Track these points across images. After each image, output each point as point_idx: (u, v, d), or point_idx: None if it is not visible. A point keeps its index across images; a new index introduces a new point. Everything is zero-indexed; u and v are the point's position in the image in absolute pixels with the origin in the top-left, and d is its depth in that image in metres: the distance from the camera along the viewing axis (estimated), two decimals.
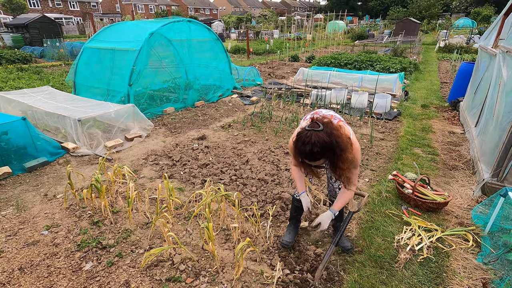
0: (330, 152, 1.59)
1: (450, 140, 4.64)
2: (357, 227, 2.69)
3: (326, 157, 1.63)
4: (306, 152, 1.58)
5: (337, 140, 1.58)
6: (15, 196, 3.12)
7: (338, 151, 1.60)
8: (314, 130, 1.58)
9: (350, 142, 1.73)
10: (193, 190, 3.25)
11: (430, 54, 15.55)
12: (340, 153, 1.61)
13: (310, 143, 1.55)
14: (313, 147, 1.54)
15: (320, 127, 1.59)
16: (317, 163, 1.67)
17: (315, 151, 1.55)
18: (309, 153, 1.57)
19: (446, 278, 2.15)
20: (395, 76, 7.35)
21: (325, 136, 1.56)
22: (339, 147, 1.59)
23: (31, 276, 2.15)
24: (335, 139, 1.58)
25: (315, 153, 1.56)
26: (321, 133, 1.56)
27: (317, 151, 1.55)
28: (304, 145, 1.57)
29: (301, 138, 1.60)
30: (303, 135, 1.59)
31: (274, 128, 5.17)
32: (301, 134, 1.62)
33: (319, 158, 1.61)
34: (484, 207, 2.78)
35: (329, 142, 1.55)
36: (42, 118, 4.59)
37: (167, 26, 5.93)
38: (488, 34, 5.56)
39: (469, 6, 46.16)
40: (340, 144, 1.59)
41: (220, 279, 2.13)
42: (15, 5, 32.20)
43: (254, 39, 23.21)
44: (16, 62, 11.69)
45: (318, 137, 1.55)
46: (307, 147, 1.56)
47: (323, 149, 1.55)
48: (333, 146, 1.57)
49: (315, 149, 1.55)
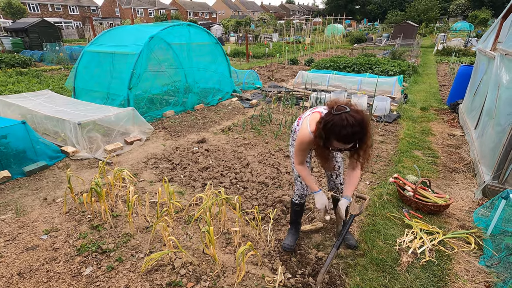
0: (366, 129, 1.59)
1: (450, 143, 4.64)
2: (359, 230, 2.68)
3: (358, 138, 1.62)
4: (348, 135, 1.54)
5: (365, 116, 1.59)
6: (14, 200, 3.10)
7: (368, 127, 1.61)
8: (345, 112, 1.55)
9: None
10: (194, 194, 3.24)
11: (428, 57, 15.63)
12: (369, 130, 1.62)
13: (349, 125, 1.52)
14: (354, 128, 1.53)
15: (347, 109, 1.57)
16: (347, 146, 1.65)
17: (356, 131, 1.54)
18: (351, 134, 1.54)
19: (448, 282, 2.13)
20: (394, 79, 7.37)
21: (357, 114, 1.55)
22: (368, 123, 1.61)
23: (30, 281, 2.13)
24: (363, 115, 1.58)
25: (357, 133, 1.55)
26: (351, 113, 1.55)
27: (358, 130, 1.54)
28: (344, 128, 1.53)
29: (336, 123, 1.55)
30: (337, 119, 1.55)
31: (274, 131, 5.17)
32: (332, 119, 1.57)
33: (357, 138, 1.60)
34: (486, 210, 2.77)
35: (364, 119, 1.56)
36: (42, 122, 4.57)
37: (166, 30, 5.95)
38: (486, 37, 5.60)
39: (467, 10, 46.48)
40: (368, 120, 1.61)
41: (221, 284, 2.11)
42: (15, 9, 32.33)
43: (253, 43, 23.29)
44: (15, 66, 11.69)
45: (352, 117, 1.53)
46: (348, 129, 1.53)
47: (361, 128, 1.55)
48: (366, 122, 1.58)
49: (356, 129, 1.53)
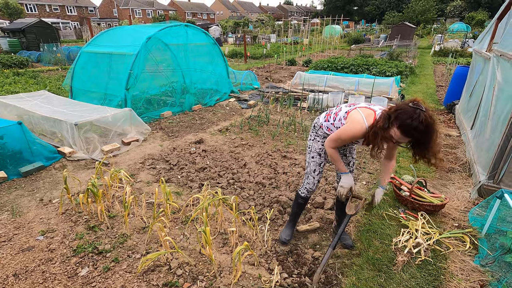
0: (428, 135, 1.66)
1: (446, 143, 4.67)
2: (355, 230, 2.69)
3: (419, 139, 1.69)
4: (412, 126, 1.62)
5: (435, 124, 1.67)
6: (10, 201, 3.09)
7: (434, 134, 1.67)
8: (420, 109, 1.63)
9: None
10: (191, 194, 3.24)
11: (425, 58, 15.71)
12: (435, 137, 1.69)
13: (418, 119, 1.61)
14: (420, 125, 1.61)
15: (423, 108, 1.65)
16: (405, 140, 1.73)
17: (420, 129, 1.61)
18: (413, 128, 1.62)
19: (444, 281, 2.15)
20: (391, 80, 7.40)
21: (429, 117, 1.63)
22: (436, 131, 1.67)
23: (26, 282, 2.12)
24: (435, 123, 1.66)
25: (419, 131, 1.62)
26: (426, 113, 1.63)
27: (421, 129, 1.62)
28: (411, 120, 1.62)
29: (409, 112, 1.64)
30: (410, 110, 1.64)
31: (271, 131, 5.18)
32: (406, 108, 1.67)
33: (416, 137, 1.67)
34: (481, 209, 2.79)
35: (432, 125, 1.63)
36: (39, 122, 4.56)
37: (164, 31, 5.95)
38: (482, 38, 5.64)
39: (464, 11, 46.76)
40: (437, 130, 1.68)
41: (217, 284, 2.11)
42: (12, 9, 32.20)
43: (251, 44, 23.33)
44: (12, 67, 11.64)
45: (424, 116, 1.61)
46: (414, 122, 1.61)
47: (426, 129, 1.62)
48: (433, 130, 1.65)
49: (420, 127, 1.61)
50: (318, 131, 2.26)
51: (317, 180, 2.34)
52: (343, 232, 2.57)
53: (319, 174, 2.32)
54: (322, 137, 2.25)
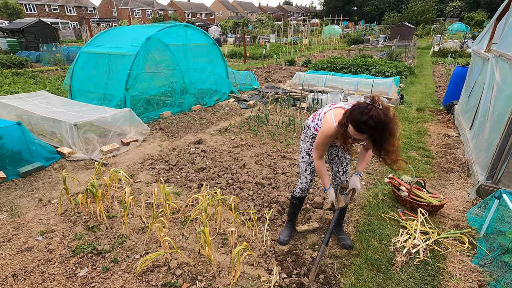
0: (380, 131, 1.65)
1: (445, 143, 4.68)
2: (354, 230, 2.69)
3: (372, 136, 1.69)
4: (361, 121, 1.63)
5: (390, 123, 1.65)
6: (9, 202, 3.08)
7: (387, 133, 1.67)
8: (375, 106, 1.64)
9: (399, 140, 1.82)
10: (190, 195, 3.24)
11: (424, 58, 15.73)
12: (388, 136, 1.68)
13: (368, 114, 1.61)
14: (369, 120, 1.61)
15: (380, 106, 1.66)
16: (361, 137, 1.72)
17: (369, 123, 1.62)
18: (363, 122, 1.63)
19: (442, 281, 2.15)
20: (391, 80, 7.41)
21: (382, 114, 1.62)
22: (390, 130, 1.66)
23: (25, 283, 2.12)
24: (389, 121, 1.65)
25: (369, 126, 1.62)
26: (380, 110, 1.63)
27: (371, 124, 1.61)
28: (361, 115, 1.63)
29: (360, 108, 1.66)
30: (363, 106, 1.65)
31: (271, 132, 5.18)
32: (360, 105, 1.68)
33: (368, 133, 1.67)
34: (479, 210, 2.80)
35: (383, 121, 1.62)
36: (38, 122, 4.56)
37: (163, 31, 5.95)
38: (481, 38, 5.65)
39: (463, 11, 46.84)
40: (392, 128, 1.67)
41: (217, 284, 2.12)
42: (11, 9, 32.15)
43: (250, 44, 23.33)
44: (11, 67, 11.63)
45: (377, 112, 1.62)
46: (363, 117, 1.62)
47: (376, 125, 1.62)
48: (385, 127, 1.64)
49: (370, 122, 1.61)
50: (307, 132, 2.31)
51: (309, 180, 2.38)
52: (341, 229, 2.58)
53: (310, 173, 2.36)
54: (310, 138, 2.29)
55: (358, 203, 3.10)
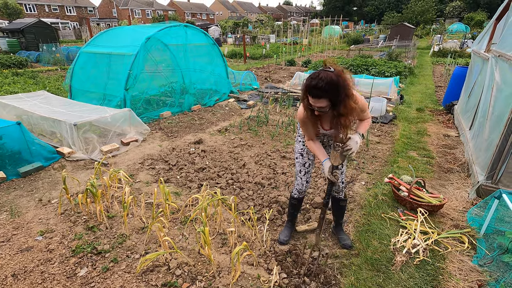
0: (334, 91, 1.64)
1: (445, 143, 4.68)
2: (354, 230, 2.69)
3: (329, 98, 1.67)
4: (311, 85, 1.65)
5: (343, 82, 1.64)
6: (9, 202, 3.08)
7: (342, 94, 1.66)
8: (324, 70, 1.66)
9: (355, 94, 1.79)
10: (190, 195, 3.24)
11: (424, 59, 15.74)
12: (344, 97, 1.67)
13: (317, 78, 1.64)
14: (319, 82, 1.62)
15: (331, 69, 1.67)
16: (320, 103, 1.70)
17: (319, 86, 1.62)
18: (314, 86, 1.64)
19: (442, 281, 2.15)
20: (391, 80, 7.42)
21: (333, 75, 1.63)
22: (344, 90, 1.66)
23: (24, 283, 2.12)
24: (341, 80, 1.64)
25: (319, 88, 1.63)
26: (330, 73, 1.64)
27: (322, 86, 1.62)
28: (311, 79, 1.66)
29: (312, 75, 1.69)
30: (314, 72, 1.69)
31: (270, 132, 5.18)
32: (312, 72, 1.72)
33: (322, 96, 1.66)
34: (479, 210, 2.80)
35: (335, 81, 1.62)
36: (38, 122, 4.56)
37: (163, 31, 5.95)
38: (480, 38, 5.66)
39: (463, 12, 46.88)
40: (345, 87, 1.66)
41: (216, 284, 2.12)
42: (11, 9, 32.16)
43: (250, 44, 23.34)
44: (11, 67, 11.62)
45: (326, 74, 1.63)
46: (313, 81, 1.65)
47: (327, 86, 1.62)
48: (338, 86, 1.63)
49: (320, 84, 1.62)
50: (299, 131, 2.32)
51: (305, 181, 2.36)
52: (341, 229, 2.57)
53: (305, 174, 2.34)
54: (302, 137, 2.29)
55: (357, 203, 3.10)
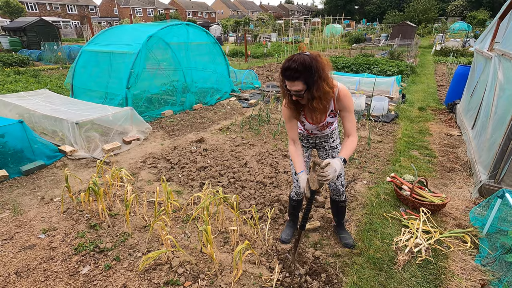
0: (308, 73, 1.64)
1: (447, 142, 4.66)
2: (356, 229, 2.69)
3: (304, 79, 1.66)
4: (285, 67, 1.67)
5: (317, 65, 1.65)
6: (11, 200, 3.09)
7: (316, 75, 1.66)
8: (300, 53, 1.68)
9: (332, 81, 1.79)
10: (192, 193, 3.24)
11: (426, 57, 15.68)
12: (317, 79, 1.67)
13: (291, 60, 1.66)
14: (292, 63, 1.64)
15: (307, 53, 1.69)
16: (295, 86, 1.69)
17: (292, 67, 1.63)
18: (287, 68, 1.66)
19: (444, 280, 2.15)
20: (392, 79, 7.39)
21: (307, 57, 1.65)
22: (317, 72, 1.66)
23: (27, 281, 2.13)
24: (315, 63, 1.65)
25: (293, 69, 1.64)
26: (305, 55, 1.66)
27: (295, 67, 1.63)
28: (286, 62, 1.68)
29: (287, 58, 1.70)
30: (289, 56, 1.71)
31: (272, 130, 5.18)
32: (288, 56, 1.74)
33: (296, 78, 1.66)
34: (482, 209, 2.79)
35: (308, 62, 1.63)
36: (40, 121, 4.57)
37: (165, 30, 5.95)
38: (483, 37, 5.63)
39: (465, 10, 46.66)
40: (319, 69, 1.66)
41: (218, 282, 2.12)
42: (12, 8, 32.21)
43: (252, 43, 23.30)
44: (13, 65, 11.66)
45: (301, 57, 1.65)
46: (287, 63, 1.67)
47: (301, 67, 1.62)
48: (312, 68, 1.64)
49: (293, 65, 1.63)
50: None
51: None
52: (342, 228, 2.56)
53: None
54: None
55: (359, 202, 3.09)
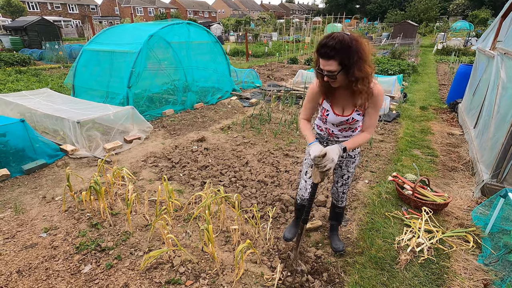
0: (345, 52, 1.51)
1: (449, 142, 4.65)
2: (357, 228, 2.68)
3: (340, 59, 1.53)
4: (322, 43, 1.54)
5: (358, 45, 1.52)
6: (13, 199, 3.10)
7: (355, 56, 1.52)
8: (340, 32, 1.55)
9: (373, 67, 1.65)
10: (193, 192, 3.24)
11: (428, 57, 15.63)
12: (357, 59, 1.53)
13: (330, 37, 1.53)
14: (330, 40, 1.51)
15: (347, 33, 1.55)
16: (329, 65, 1.56)
17: (330, 44, 1.51)
18: (323, 45, 1.53)
19: (447, 279, 2.14)
20: (394, 78, 7.37)
21: (347, 37, 1.52)
22: (358, 53, 1.52)
23: (29, 279, 2.13)
24: (355, 43, 1.52)
25: (329, 46, 1.51)
26: (346, 35, 1.53)
27: (332, 44, 1.50)
28: (324, 38, 1.55)
29: (325, 35, 1.57)
30: (328, 34, 1.57)
31: (273, 130, 5.17)
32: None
33: (332, 56, 1.53)
34: (484, 208, 2.78)
35: (348, 41, 1.50)
36: (41, 120, 4.57)
37: (166, 29, 5.94)
38: (485, 36, 5.60)
39: (466, 9, 46.49)
40: (359, 50, 1.53)
41: (220, 281, 2.11)
42: (14, 7, 32.26)
43: (253, 42, 23.27)
44: (14, 65, 11.67)
45: (340, 35, 1.52)
46: (325, 39, 1.54)
47: (338, 45, 1.50)
48: (351, 48, 1.51)
49: (331, 42, 1.50)
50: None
51: (308, 185, 2.18)
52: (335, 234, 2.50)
53: (311, 177, 2.13)
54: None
55: (361, 201, 3.09)
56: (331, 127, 1.94)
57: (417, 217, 2.78)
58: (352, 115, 1.82)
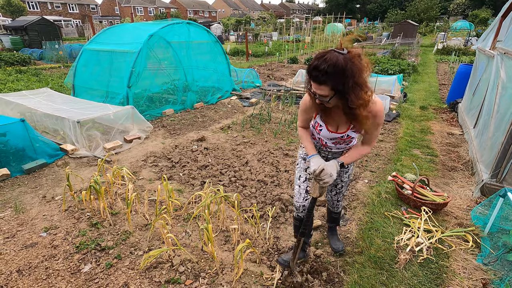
0: (338, 78, 1.33)
1: (449, 141, 4.65)
2: (357, 228, 2.69)
3: (332, 85, 1.37)
4: (313, 66, 1.37)
5: (353, 68, 1.32)
6: (13, 198, 3.10)
7: (350, 81, 1.34)
8: (335, 51, 1.36)
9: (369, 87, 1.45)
10: (193, 192, 3.25)
11: (428, 56, 15.62)
12: (353, 85, 1.35)
13: (321, 58, 1.34)
14: (322, 63, 1.33)
15: (344, 51, 1.35)
16: (321, 90, 1.40)
17: (321, 68, 1.33)
18: (314, 67, 1.36)
19: (446, 279, 2.14)
20: (394, 78, 7.37)
21: (341, 58, 1.32)
22: (353, 77, 1.33)
23: (29, 278, 2.13)
24: (351, 66, 1.32)
25: (321, 71, 1.33)
26: (339, 55, 1.33)
27: (324, 68, 1.32)
28: (316, 59, 1.37)
29: (318, 54, 1.39)
30: (322, 51, 1.38)
31: (273, 129, 5.17)
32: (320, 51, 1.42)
33: (323, 81, 1.36)
34: (484, 208, 2.78)
35: (341, 65, 1.31)
36: (41, 120, 4.57)
37: (166, 28, 5.94)
38: (486, 36, 5.60)
39: (467, 9, 46.49)
40: (355, 74, 1.33)
41: (219, 281, 2.12)
42: (14, 7, 32.25)
43: (253, 42, 23.25)
44: (15, 64, 11.67)
45: (334, 56, 1.33)
46: (316, 61, 1.36)
47: (331, 69, 1.32)
48: (346, 72, 1.32)
49: (322, 66, 1.32)
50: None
51: (303, 190, 1.99)
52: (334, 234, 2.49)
53: (305, 181, 1.98)
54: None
55: (361, 201, 3.09)
56: (325, 139, 1.83)
57: (417, 217, 2.79)
58: (347, 132, 1.72)
